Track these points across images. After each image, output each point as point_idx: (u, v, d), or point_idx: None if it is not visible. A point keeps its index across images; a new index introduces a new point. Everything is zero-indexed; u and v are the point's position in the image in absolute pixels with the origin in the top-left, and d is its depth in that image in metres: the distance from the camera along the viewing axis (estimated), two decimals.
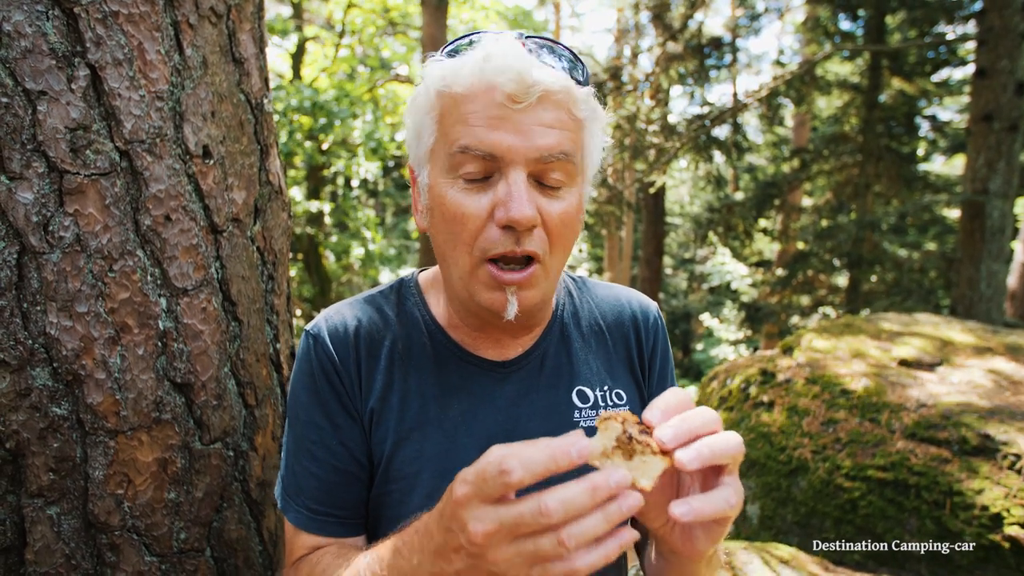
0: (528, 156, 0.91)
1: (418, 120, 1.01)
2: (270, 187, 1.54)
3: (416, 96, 1.01)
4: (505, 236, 0.93)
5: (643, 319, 1.23)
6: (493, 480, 0.67)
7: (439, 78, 0.96)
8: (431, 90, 0.97)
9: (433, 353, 1.11)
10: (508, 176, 0.92)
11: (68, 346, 1.12)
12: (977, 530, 2.56)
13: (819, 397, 3.40)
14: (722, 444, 0.73)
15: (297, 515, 1.07)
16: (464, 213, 0.94)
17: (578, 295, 1.23)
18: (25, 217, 1.08)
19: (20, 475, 1.12)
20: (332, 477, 1.07)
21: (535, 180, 0.94)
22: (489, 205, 0.93)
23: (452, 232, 0.97)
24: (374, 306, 1.15)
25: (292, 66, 14.22)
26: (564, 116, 0.94)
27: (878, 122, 10.40)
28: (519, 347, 1.13)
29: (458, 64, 0.94)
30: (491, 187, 0.94)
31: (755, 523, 3.33)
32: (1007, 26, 6.49)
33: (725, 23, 11.99)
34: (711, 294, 19.38)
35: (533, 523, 0.65)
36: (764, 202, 10.87)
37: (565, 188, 0.97)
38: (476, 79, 0.92)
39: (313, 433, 1.07)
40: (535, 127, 0.91)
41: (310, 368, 1.08)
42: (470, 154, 0.92)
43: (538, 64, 0.92)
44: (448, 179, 0.96)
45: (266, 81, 1.55)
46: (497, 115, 0.91)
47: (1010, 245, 7.32)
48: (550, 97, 0.92)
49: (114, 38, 1.14)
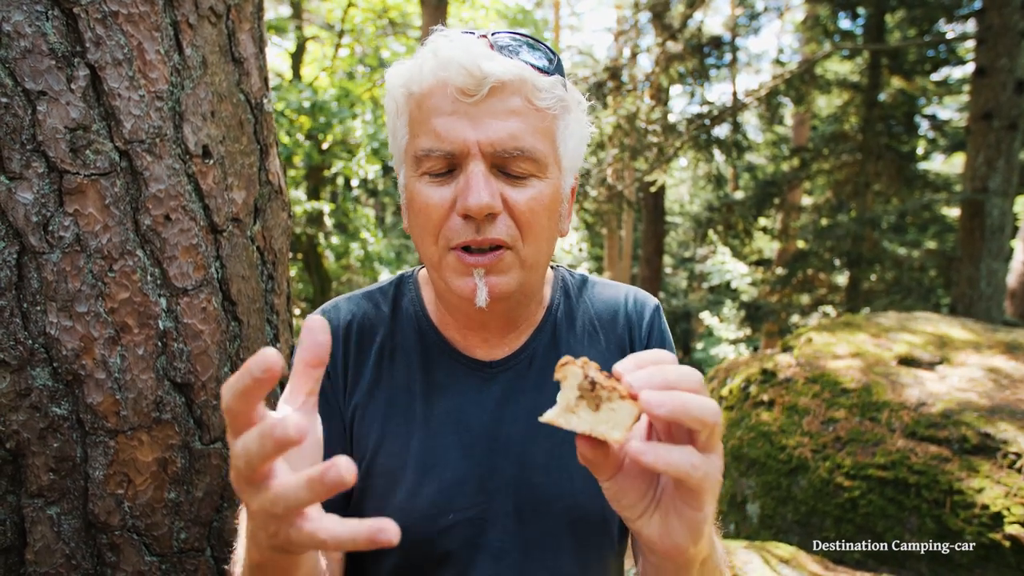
0: (484, 148, 0.93)
1: (391, 123, 1.04)
2: (270, 187, 1.54)
3: (387, 101, 1.05)
4: (466, 225, 0.95)
5: (638, 313, 1.20)
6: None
7: (401, 81, 0.99)
8: (397, 91, 1.00)
9: (422, 350, 1.11)
10: (466, 168, 0.94)
11: (68, 346, 1.12)
12: (977, 529, 2.56)
13: (819, 396, 3.40)
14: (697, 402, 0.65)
15: None
16: (429, 205, 0.97)
17: (576, 295, 1.22)
18: (25, 217, 1.08)
19: (20, 475, 1.12)
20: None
21: (499, 170, 0.96)
22: (451, 196, 0.96)
23: (421, 225, 0.99)
24: (371, 301, 1.16)
25: (292, 66, 14.22)
26: (522, 105, 0.94)
27: (878, 121, 10.40)
28: (507, 347, 1.13)
29: (415, 65, 0.97)
30: (453, 179, 0.96)
31: (755, 522, 3.33)
32: (1006, 25, 6.49)
33: (725, 22, 12.00)
34: (711, 293, 19.38)
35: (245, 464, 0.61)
36: (764, 201, 10.87)
37: (534, 177, 0.98)
38: (430, 77, 0.94)
39: None
40: (488, 119, 0.93)
41: None
42: (433, 156, 0.95)
43: (488, 56, 0.92)
44: (416, 175, 0.99)
45: (266, 81, 1.55)
46: (451, 110, 0.93)
47: (1010, 244, 7.32)
48: (504, 88, 0.93)
49: (114, 38, 1.14)
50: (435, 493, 1.04)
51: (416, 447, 1.06)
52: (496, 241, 0.96)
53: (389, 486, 1.06)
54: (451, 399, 1.09)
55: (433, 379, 1.10)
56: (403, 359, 1.11)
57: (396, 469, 1.06)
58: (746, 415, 3.65)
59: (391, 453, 1.06)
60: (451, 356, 1.11)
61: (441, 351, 1.11)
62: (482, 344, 1.12)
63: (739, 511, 3.45)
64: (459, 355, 1.11)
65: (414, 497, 1.04)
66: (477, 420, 1.08)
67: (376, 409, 1.08)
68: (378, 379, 1.09)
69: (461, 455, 1.06)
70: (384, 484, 1.06)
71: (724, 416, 3.86)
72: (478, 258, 0.96)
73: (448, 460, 1.06)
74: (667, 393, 0.65)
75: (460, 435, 1.07)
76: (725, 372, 4.36)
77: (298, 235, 12.71)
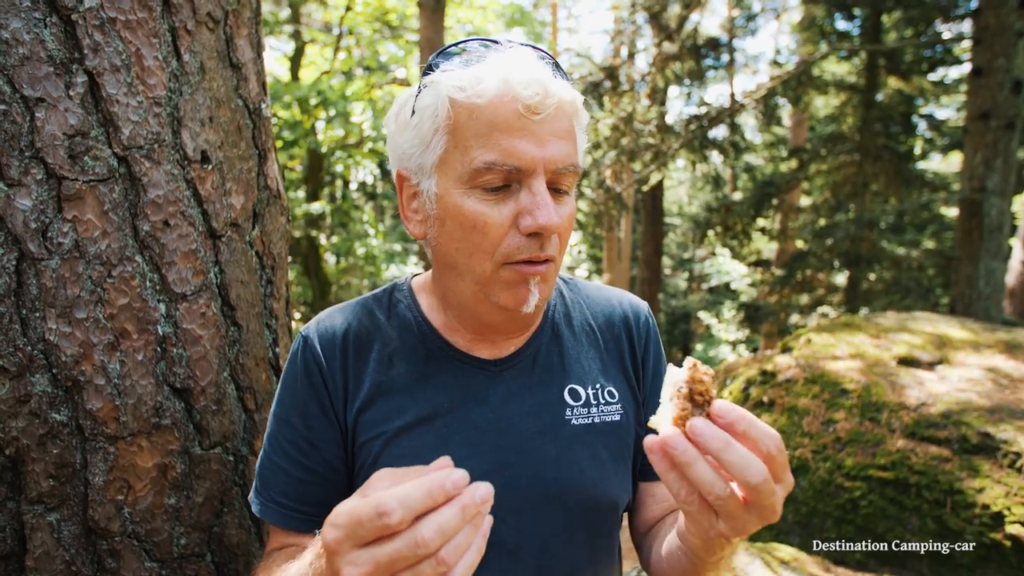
0: (547, 166, 0.95)
1: (424, 129, 0.99)
2: (268, 191, 1.54)
3: (421, 104, 1.00)
4: (530, 242, 0.96)
5: (634, 319, 1.25)
6: (370, 523, 0.67)
7: (455, 87, 0.95)
8: (443, 98, 0.96)
9: (424, 353, 1.12)
10: (532, 186, 0.95)
11: (67, 352, 1.12)
12: (978, 529, 2.56)
13: (819, 397, 3.40)
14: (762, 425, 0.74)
15: (263, 507, 1.10)
16: (488, 223, 0.96)
17: (569, 296, 1.25)
18: (24, 223, 1.08)
19: (20, 481, 1.12)
20: (300, 475, 1.08)
21: (550, 187, 0.98)
22: (511, 214, 0.96)
23: (471, 240, 0.98)
24: (365, 309, 1.17)
25: (290, 69, 14.24)
26: (570, 126, 0.98)
27: (875, 121, 10.42)
28: (512, 346, 1.14)
29: (477, 75, 0.94)
30: (511, 196, 0.96)
31: None
32: (1003, 25, 6.50)
33: (721, 23, 12.02)
34: (710, 294, 19.40)
35: (412, 556, 0.66)
36: (762, 202, 10.88)
37: (567, 194, 1.02)
38: (501, 91, 0.93)
39: (288, 431, 1.09)
40: (551, 138, 0.95)
41: (295, 369, 1.11)
42: (496, 169, 0.94)
43: (551, 76, 0.95)
44: (463, 189, 0.97)
45: (264, 86, 1.55)
46: (519, 126, 0.93)
47: (1008, 243, 7.34)
48: (563, 108, 0.96)
49: (112, 44, 1.14)
50: None
51: (424, 448, 1.06)
52: (551, 256, 0.99)
53: None
54: (457, 398, 1.10)
55: (437, 380, 1.10)
56: (404, 362, 1.11)
57: None
58: None
59: (398, 455, 1.06)
60: (455, 357, 1.12)
61: (444, 352, 1.12)
62: (487, 344, 1.13)
63: None
64: (463, 355, 1.12)
65: None
66: (484, 418, 1.09)
67: (379, 414, 1.08)
68: (379, 384, 1.10)
69: (470, 453, 1.07)
70: None
71: None
72: (537, 268, 0.99)
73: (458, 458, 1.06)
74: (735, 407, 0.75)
75: (468, 433, 1.08)
76: (725, 373, 4.36)
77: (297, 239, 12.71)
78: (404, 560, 0.66)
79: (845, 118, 11.34)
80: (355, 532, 0.68)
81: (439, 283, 1.12)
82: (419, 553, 0.66)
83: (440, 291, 1.13)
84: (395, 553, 0.66)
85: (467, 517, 0.67)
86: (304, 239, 12.83)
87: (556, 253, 1.00)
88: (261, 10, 1.56)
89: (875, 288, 10.77)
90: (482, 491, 0.68)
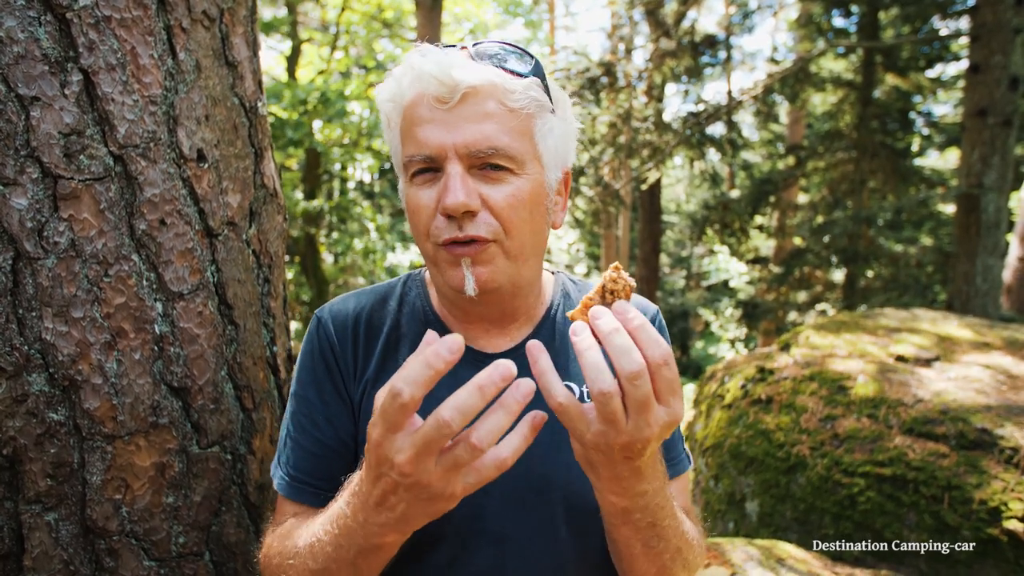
0: (459, 150, 0.99)
1: (388, 136, 1.12)
2: (265, 190, 1.54)
3: (382, 117, 1.12)
4: (450, 224, 1.02)
5: None
6: (390, 407, 0.73)
7: (388, 97, 1.07)
8: (385, 108, 1.08)
9: None
10: (446, 170, 1.01)
11: (64, 351, 1.12)
12: (975, 524, 2.57)
13: (817, 394, 3.41)
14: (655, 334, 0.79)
15: (280, 480, 1.15)
16: (419, 206, 1.04)
17: (576, 296, 1.29)
18: (20, 223, 1.08)
19: (18, 481, 1.11)
20: (314, 449, 1.14)
21: (479, 170, 1.02)
22: (436, 197, 1.03)
23: (415, 225, 1.07)
24: (379, 295, 1.24)
25: (287, 68, 14.21)
26: (496, 107, 1.01)
27: (873, 118, 10.42)
28: (509, 339, 1.19)
29: (397, 80, 1.05)
30: (437, 181, 1.03)
31: (754, 520, 3.33)
32: (1000, 22, 6.50)
33: (719, 20, 12.01)
34: (708, 292, 19.40)
35: (439, 436, 0.72)
36: (760, 199, 10.88)
37: (511, 174, 1.03)
38: (409, 90, 1.02)
39: (304, 406, 1.16)
40: (463, 123, 0.99)
41: (311, 348, 1.18)
42: (415, 160, 1.02)
43: (460, 65, 0.99)
44: (407, 180, 1.07)
45: (260, 84, 1.55)
46: (428, 117, 1.00)
47: (1005, 239, 7.34)
48: (477, 93, 0.99)
49: (107, 43, 1.14)
50: None
51: None
52: (476, 238, 1.02)
53: None
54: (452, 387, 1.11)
55: None
56: (407, 349, 1.17)
57: None
58: (744, 413, 3.65)
59: None
60: None
61: None
62: (484, 335, 1.18)
63: (738, 509, 3.45)
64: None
65: None
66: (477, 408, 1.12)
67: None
68: (384, 369, 1.16)
69: None
70: None
71: (723, 415, 3.87)
72: (463, 248, 1.03)
73: None
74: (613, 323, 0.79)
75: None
76: (723, 371, 4.36)
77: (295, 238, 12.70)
78: (435, 442, 0.72)
79: (842, 115, 11.33)
80: (386, 420, 0.75)
81: None
82: (444, 433, 0.72)
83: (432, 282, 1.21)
84: (425, 435, 0.73)
85: (485, 396, 0.73)
86: (302, 238, 12.82)
87: (486, 234, 1.01)
88: (257, 8, 1.55)
89: (873, 285, 10.77)
90: (502, 370, 0.73)
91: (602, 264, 18.89)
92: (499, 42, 1.07)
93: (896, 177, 10.42)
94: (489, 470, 0.76)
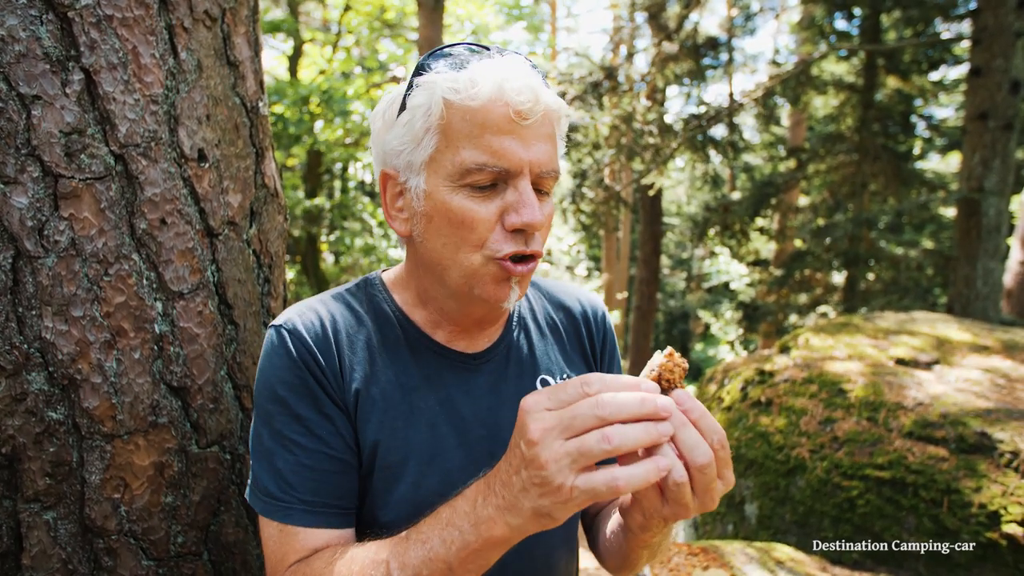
0: (532, 168, 1.00)
1: (416, 127, 1.02)
2: (266, 190, 1.54)
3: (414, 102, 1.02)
4: (515, 238, 1.01)
5: (592, 315, 1.34)
6: (584, 416, 0.77)
7: (449, 88, 0.98)
8: (437, 98, 0.99)
9: (408, 346, 1.14)
10: (518, 185, 1.00)
11: (64, 350, 1.12)
12: (975, 528, 2.56)
13: (816, 397, 3.41)
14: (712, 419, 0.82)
15: (289, 512, 1.03)
16: (474, 219, 1.00)
17: (531, 292, 1.33)
18: (20, 221, 1.08)
19: (16, 480, 1.11)
20: (326, 466, 1.04)
21: (533, 188, 1.03)
22: (498, 211, 1.01)
23: (458, 235, 1.02)
24: (343, 302, 1.16)
25: (289, 68, 14.22)
26: (552, 132, 1.05)
27: (874, 121, 10.42)
28: (486, 340, 1.19)
29: (471, 77, 0.98)
30: (498, 194, 1.01)
31: (753, 523, 3.33)
32: (1001, 25, 6.50)
33: (721, 23, 12.01)
34: (709, 294, 19.40)
35: (589, 415, 0.76)
36: (761, 201, 10.89)
37: (550, 195, 1.08)
38: (494, 95, 0.97)
39: (298, 425, 1.04)
40: (536, 142, 1.00)
41: (289, 362, 1.05)
42: (486, 170, 0.98)
43: (541, 84, 1.01)
44: (452, 186, 1.01)
45: (261, 84, 1.55)
46: (508, 129, 0.98)
47: (1006, 243, 7.34)
48: (549, 115, 1.02)
49: (108, 42, 1.14)
50: (438, 483, 1.08)
51: (416, 440, 1.09)
52: (536, 252, 1.04)
53: (390, 480, 1.08)
54: (442, 391, 1.14)
55: (423, 373, 1.14)
56: (390, 356, 1.13)
57: (396, 464, 1.08)
58: (744, 416, 3.65)
59: (390, 448, 1.08)
60: (436, 351, 1.15)
61: (425, 346, 1.15)
62: (464, 337, 1.17)
63: (737, 511, 3.45)
64: (444, 349, 1.16)
65: (418, 488, 1.08)
66: (469, 409, 1.14)
67: (372, 405, 1.09)
68: (369, 376, 1.10)
69: (459, 444, 1.11)
70: (384, 479, 1.08)
71: (722, 418, 3.86)
72: (523, 268, 1.04)
73: (448, 450, 1.11)
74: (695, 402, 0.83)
75: (455, 425, 1.12)
76: (723, 373, 4.36)
77: (296, 238, 12.70)
78: (582, 418, 0.76)
79: (844, 118, 11.34)
80: (556, 396, 0.80)
81: (418, 279, 1.14)
82: (596, 413, 0.76)
83: (419, 287, 1.15)
84: (575, 409, 0.77)
85: (644, 409, 0.76)
86: (303, 238, 12.83)
87: (540, 249, 1.05)
88: (259, 8, 1.56)
89: (873, 288, 10.77)
90: (663, 402, 0.78)
91: (602, 265, 18.89)
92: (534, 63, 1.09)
93: (897, 180, 10.42)
94: (600, 485, 0.76)
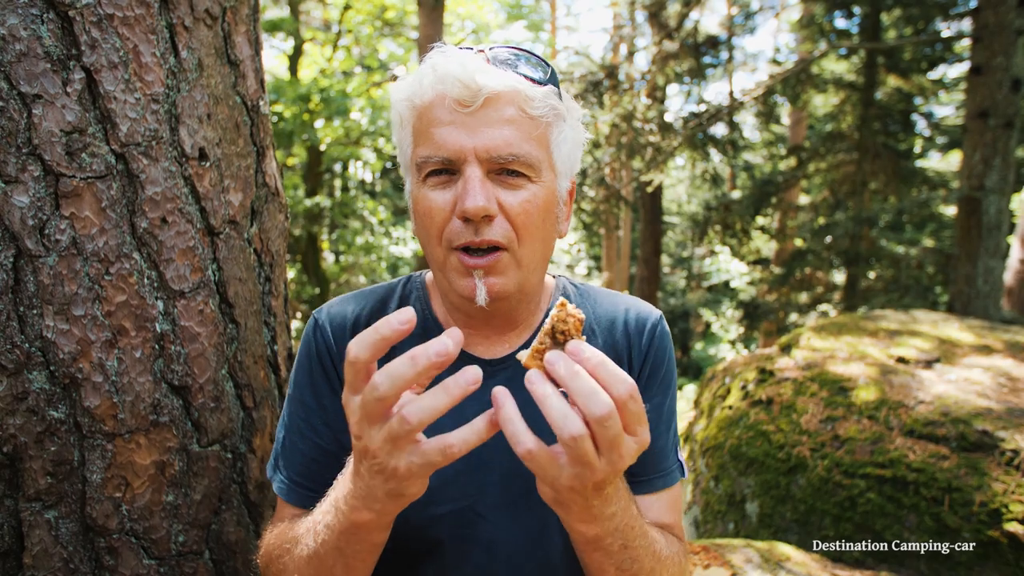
0: (479, 154, 1.00)
1: (397, 135, 1.11)
2: (266, 189, 1.54)
3: (392, 115, 1.11)
4: (466, 227, 1.01)
5: (637, 326, 1.24)
6: (369, 402, 0.75)
7: (404, 96, 1.06)
8: (400, 106, 1.07)
9: None
10: (464, 173, 1.00)
11: (65, 349, 1.12)
12: (976, 526, 2.56)
13: (817, 395, 3.41)
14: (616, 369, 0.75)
15: (280, 484, 1.15)
16: (432, 208, 1.03)
17: (576, 302, 1.27)
18: (21, 220, 1.08)
19: (18, 479, 1.11)
20: (314, 455, 1.14)
21: (496, 175, 1.02)
22: (452, 200, 1.02)
23: (426, 228, 1.05)
24: (379, 297, 1.23)
25: (289, 68, 14.22)
26: (516, 114, 1.01)
27: (874, 119, 10.40)
28: (507, 346, 1.18)
29: (416, 80, 1.05)
30: (453, 184, 1.02)
31: (754, 521, 3.33)
32: (1002, 23, 6.49)
33: (721, 21, 12.00)
34: (709, 292, 19.39)
35: (372, 400, 0.74)
36: (761, 200, 10.87)
37: (527, 181, 1.04)
38: (429, 91, 1.01)
39: (301, 411, 1.15)
40: (483, 128, 0.99)
41: (308, 350, 1.17)
42: (431, 161, 1.01)
43: (483, 70, 0.99)
44: (418, 182, 1.06)
45: (262, 83, 1.55)
46: (449, 120, 1.00)
47: (1006, 241, 7.33)
48: (499, 98, 1.00)
49: (109, 41, 1.14)
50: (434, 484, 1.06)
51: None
52: (493, 242, 1.01)
53: None
54: None
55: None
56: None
57: None
58: (744, 414, 3.65)
59: None
60: None
61: None
62: (483, 342, 1.17)
63: (738, 510, 3.45)
64: (461, 352, 1.14)
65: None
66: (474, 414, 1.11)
67: None
68: None
69: None
70: None
71: (723, 416, 3.86)
72: (477, 260, 1.02)
73: None
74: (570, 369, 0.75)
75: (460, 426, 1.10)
76: (724, 371, 4.36)
77: (297, 237, 12.70)
78: (370, 405, 0.74)
79: (844, 116, 11.32)
80: (365, 409, 0.77)
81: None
82: (373, 395, 0.73)
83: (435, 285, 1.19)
84: (364, 398, 0.75)
85: (417, 367, 0.72)
86: (304, 237, 12.82)
87: (502, 239, 1.01)
88: (259, 7, 1.55)
89: (874, 286, 10.76)
90: (437, 347, 0.72)
91: (603, 264, 18.88)
92: (517, 48, 1.07)
93: (897, 179, 10.41)
94: (434, 455, 0.75)
